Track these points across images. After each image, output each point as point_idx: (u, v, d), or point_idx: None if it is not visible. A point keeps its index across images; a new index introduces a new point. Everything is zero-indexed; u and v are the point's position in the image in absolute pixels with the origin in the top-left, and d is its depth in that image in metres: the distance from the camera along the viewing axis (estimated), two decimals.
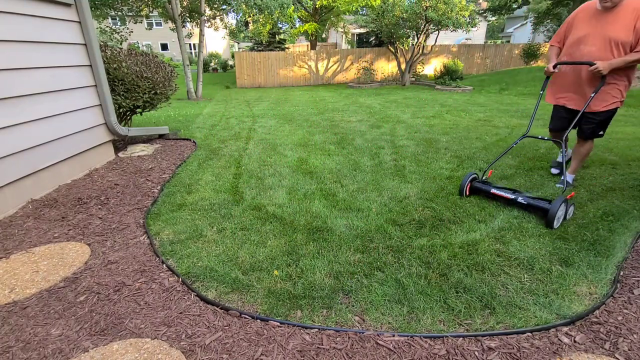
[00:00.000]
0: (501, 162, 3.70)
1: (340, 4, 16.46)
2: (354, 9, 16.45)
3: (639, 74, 9.85)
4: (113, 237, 2.33)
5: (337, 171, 3.53)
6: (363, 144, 4.58)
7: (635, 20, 2.46)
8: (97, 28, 11.71)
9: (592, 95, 2.61)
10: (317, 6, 18.23)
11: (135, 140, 4.71)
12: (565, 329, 1.51)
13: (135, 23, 12.98)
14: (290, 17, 17.28)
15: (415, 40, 13.94)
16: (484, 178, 2.93)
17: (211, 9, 12.82)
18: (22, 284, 1.85)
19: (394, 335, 1.48)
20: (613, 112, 2.77)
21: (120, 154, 4.13)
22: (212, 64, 25.72)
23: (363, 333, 1.50)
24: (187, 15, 11.86)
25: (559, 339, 1.45)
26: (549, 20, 20.42)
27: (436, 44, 14.58)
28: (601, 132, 2.86)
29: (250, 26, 18.45)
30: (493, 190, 2.68)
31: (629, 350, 1.39)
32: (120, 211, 2.70)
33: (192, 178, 3.39)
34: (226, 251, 2.13)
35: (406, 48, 14.37)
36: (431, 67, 16.01)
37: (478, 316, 1.59)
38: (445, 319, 1.58)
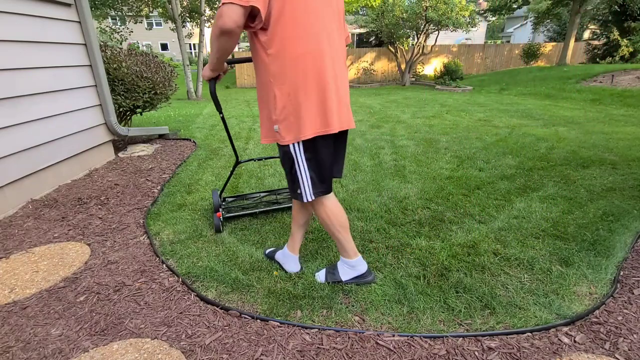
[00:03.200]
0: (501, 161, 3.69)
1: None
2: (354, 9, 16.45)
3: (638, 74, 9.68)
4: (113, 237, 2.33)
5: None
6: (363, 144, 4.58)
7: None
8: (97, 28, 11.71)
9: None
10: None
11: (135, 140, 4.71)
12: (565, 329, 1.51)
13: (135, 23, 12.99)
14: None
15: (415, 40, 13.96)
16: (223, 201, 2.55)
17: (211, 9, 12.82)
18: (22, 284, 1.85)
19: (394, 335, 1.48)
20: (287, 153, 1.50)
21: (120, 154, 4.13)
22: None
23: (363, 333, 1.50)
24: (187, 15, 11.86)
25: (559, 339, 1.45)
26: (549, 20, 20.40)
27: (436, 44, 14.59)
28: (298, 190, 1.55)
29: None
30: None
31: (629, 350, 1.39)
32: (120, 211, 2.70)
33: (192, 178, 3.39)
34: (226, 251, 2.13)
35: (406, 48, 14.37)
36: (431, 67, 16.02)
37: (478, 316, 1.58)
38: (445, 319, 1.58)
